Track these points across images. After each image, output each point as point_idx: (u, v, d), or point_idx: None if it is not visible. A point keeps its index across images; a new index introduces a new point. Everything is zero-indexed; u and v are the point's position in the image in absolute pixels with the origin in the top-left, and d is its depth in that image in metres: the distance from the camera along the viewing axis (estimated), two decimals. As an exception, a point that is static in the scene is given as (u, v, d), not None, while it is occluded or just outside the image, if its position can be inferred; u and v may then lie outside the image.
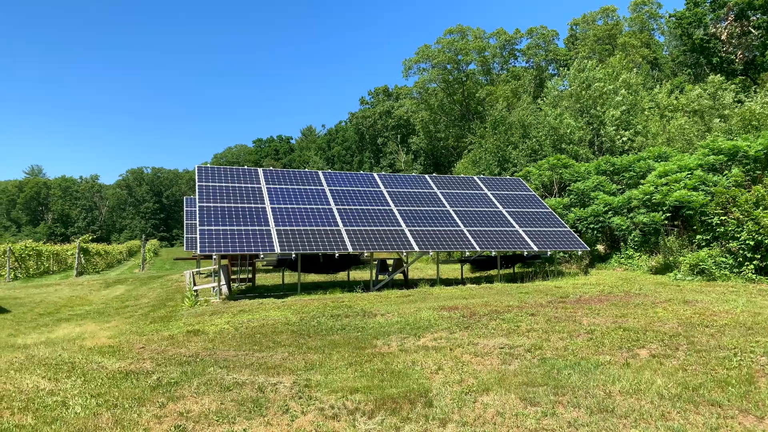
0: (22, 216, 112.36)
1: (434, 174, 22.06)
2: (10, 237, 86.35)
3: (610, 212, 20.72)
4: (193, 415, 5.56)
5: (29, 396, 6.22)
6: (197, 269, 19.94)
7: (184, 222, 29.37)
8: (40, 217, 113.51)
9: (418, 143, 61.98)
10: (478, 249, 16.68)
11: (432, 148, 61.93)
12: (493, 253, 18.02)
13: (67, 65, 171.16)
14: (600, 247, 22.03)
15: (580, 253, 20.25)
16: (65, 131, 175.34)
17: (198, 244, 14.63)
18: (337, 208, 17.47)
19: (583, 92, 33.54)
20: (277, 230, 15.67)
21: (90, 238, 35.33)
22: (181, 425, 5.30)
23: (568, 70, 37.47)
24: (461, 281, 18.44)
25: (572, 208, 22.03)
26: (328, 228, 16.28)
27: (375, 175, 20.48)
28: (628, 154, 26.54)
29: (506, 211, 19.33)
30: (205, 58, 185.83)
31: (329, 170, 25.75)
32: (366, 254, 16.89)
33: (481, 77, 61.42)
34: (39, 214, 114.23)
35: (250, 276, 19.27)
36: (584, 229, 20.95)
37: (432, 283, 17.14)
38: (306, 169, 21.05)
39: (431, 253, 17.19)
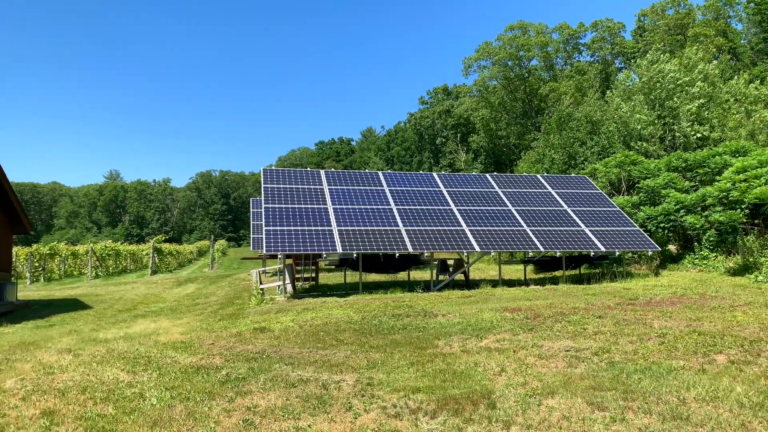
0: (102, 218, 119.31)
1: (495, 173, 21.74)
2: (92, 238, 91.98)
3: (682, 211, 19.74)
4: (260, 410, 5.74)
5: (110, 387, 6.61)
6: (263, 268, 20.54)
7: (251, 223, 30.30)
8: (118, 219, 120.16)
9: (478, 142, 61.26)
10: (542, 249, 16.31)
11: (493, 147, 61.05)
12: (558, 254, 17.56)
13: (140, 75, 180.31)
14: (671, 248, 21.04)
15: (650, 253, 19.41)
16: (140, 137, 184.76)
17: (264, 244, 15.07)
18: (397, 208, 17.54)
19: (657, 83, 32.03)
20: (338, 230, 15.91)
21: (163, 238, 37.08)
22: (248, 419, 5.48)
23: (637, 62, 35.98)
24: (524, 282, 18.08)
25: (641, 207, 21.15)
26: (388, 228, 16.37)
27: (434, 174, 20.41)
28: (702, 150, 25.21)
29: (571, 210, 18.79)
30: (269, 64, 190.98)
31: (389, 171, 25.92)
32: (426, 254, 16.87)
33: (544, 73, 59.99)
34: (117, 215, 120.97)
35: (313, 275, 19.66)
36: (654, 228, 20.06)
37: (494, 284, 16.90)
38: (366, 170, 21.26)
39: (493, 254, 16.95)
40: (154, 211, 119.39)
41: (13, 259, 22.78)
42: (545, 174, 24.52)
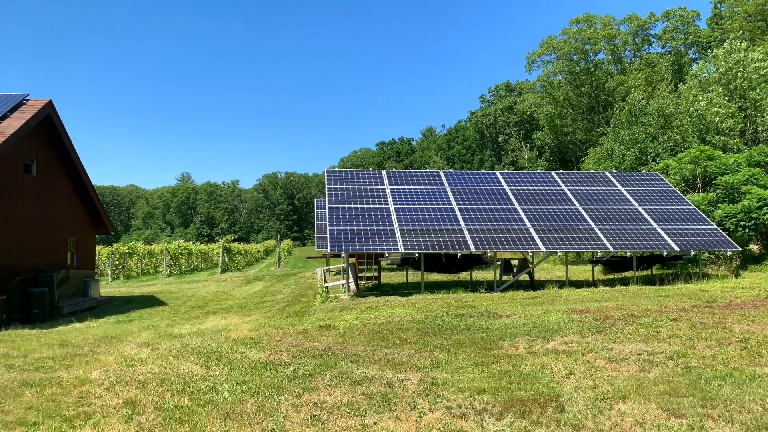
0: (175, 218, 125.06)
1: (561, 170, 21.17)
2: (166, 238, 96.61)
3: (765, 208, 18.53)
4: (326, 406, 5.87)
5: (185, 380, 6.93)
6: (327, 267, 20.92)
7: (315, 222, 30.92)
8: (190, 220, 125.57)
9: (542, 139, 59.83)
10: (611, 249, 15.75)
11: (558, 144, 59.45)
12: (628, 254, 16.89)
13: (209, 82, 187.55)
14: (753, 247, 19.78)
15: (729, 253, 18.32)
16: (210, 140, 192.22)
17: (328, 243, 15.35)
18: (458, 208, 17.42)
19: (738, 74, 30.14)
20: (400, 230, 15.98)
21: (232, 238, 38.47)
22: (316, 415, 5.61)
23: (713, 52, 34.02)
24: (592, 283, 17.52)
25: (719, 204, 20.00)
26: (450, 227, 16.29)
27: (497, 173, 20.12)
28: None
29: (642, 209, 18.04)
30: (330, 66, 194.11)
31: (450, 170, 25.65)
32: (489, 254, 16.65)
33: (611, 67, 57.82)
34: (189, 216, 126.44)
35: (375, 274, 19.83)
36: (733, 227, 18.93)
37: (560, 284, 16.47)
38: (427, 170, 21.21)
39: (559, 254, 16.52)
40: (223, 211, 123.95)
41: (96, 258, 24.30)
42: (614, 171, 23.65)
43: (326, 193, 17.93)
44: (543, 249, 15.54)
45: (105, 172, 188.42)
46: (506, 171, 21.26)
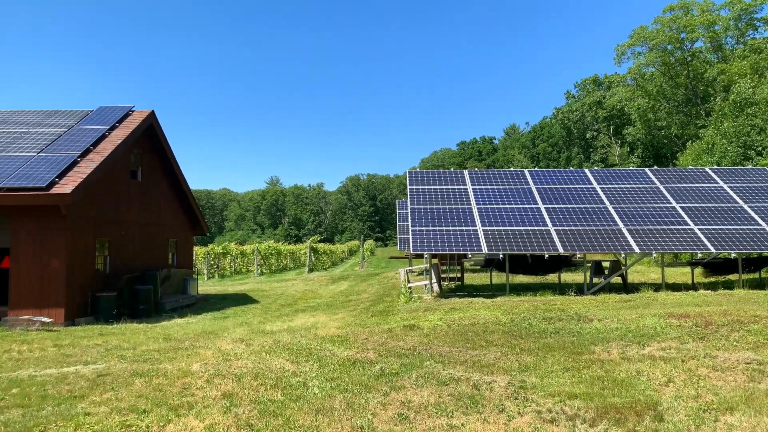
0: (264, 220, 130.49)
1: (655, 167, 20.03)
2: (256, 238, 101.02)
3: None
4: (413, 405, 5.92)
5: (277, 375, 7.23)
6: (410, 267, 21.02)
7: (397, 223, 31.15)
8: (279, 221, 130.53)
9: (634, 134, 56.83)
10: (712, 250, 14.71)
11: (651, 139, 56.25)
12: (733, 255, 15.69)
13: (293, 88, 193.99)
14: None
15: None
16: (296, 145, 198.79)
17: (411, 244, 15.44)
18: (545, 207, 16.94)
19: None
20: (483, 230, 15.77)
21: (318, 239, 39.57)
22: (403, 414, 5.68)
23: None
24: (692, 287, 16.45)
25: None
26: (536, 228, 15.87)
27: (586, 170, 19.36)
28: None
29: (748, 207, 16.70)
30: (409, 66, 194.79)
31: (534, 168, 24.93)
32: (578, 255, 16.05)
33: (710, 55, 53.94)
34: (277, 218, 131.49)
35: (458, 275, 19.69)
36: None
37: (656, 287, 15.60)
38: (510, 169, 20.78)
39: (654, 255, 15.65)
40: (309, 213, 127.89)
41: (194, 258, 25.86)
42: (715, 167, 22.07)
43: (408, 194, 18.02)
44: (637, 250, 14.78)
45: (200, 176, 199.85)
46: (596, 168, 20.41)
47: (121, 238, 16.06)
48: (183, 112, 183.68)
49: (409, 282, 18.05)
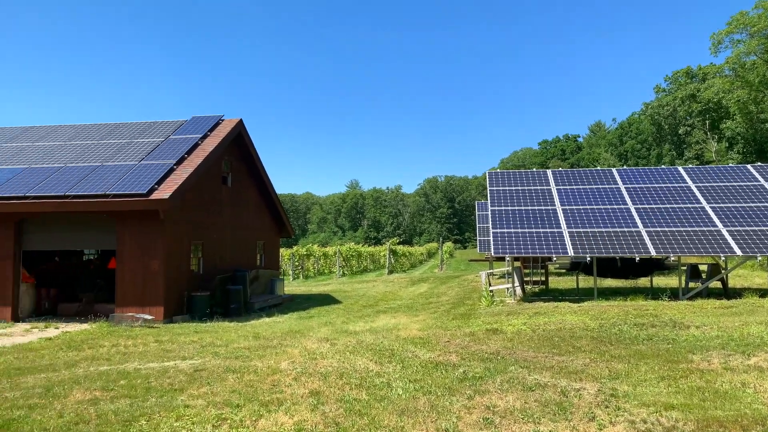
0: (345, 222, 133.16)
1: (759, 163, 18.57)
2: (338, 240, 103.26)
3: None
4: (498, 410, 5.84)
5: (362, 375, 7.37)
6: (491, 270, 20.70)
7: (477, 225, 30.79)
8: (358, 223, 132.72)
9: (733, 128, 52.90)
10: (828, 253, 13.43)
11: (753, 133, 52.12)
12: None
13: (370, 93, 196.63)
14: None
15: None
16: (374, 148, 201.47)
17: (492, 246, 15.21)
18: (635, 208, 16.14)
19: None
20: (569, 232, 15.26)
21: (397, 241, 39.87)
22: (488, 418, 5.61)
23: None
24: (804, 292, 15.09)
25: None
26: (625, 229, 15.16)
27: (679, 168, 18.26)
28: None
29: None
30: (486, 65, 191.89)
31: (623, 167, 23.76)
32: (672, 258, 15.15)
33: (824, 38, 49.21)
34: (357, 220, 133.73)
35: (542, 279, 19.17)
36: None
37: (761, 293, 14.46)
38: (597, 168, 19.96)
39: (759, 258, 14.48)
40: (388, 215, 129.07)
41: (280, 259, 26.85)
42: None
43: (488, 195, 17.77)
44: (739, 253, 13.76)
45: (284, 181, 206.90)
46: (690, 166, 19.21)
47: (213, 240, 16.95)
48: (267, 118, 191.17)
49: (490, 285, 17.78)
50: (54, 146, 17.20)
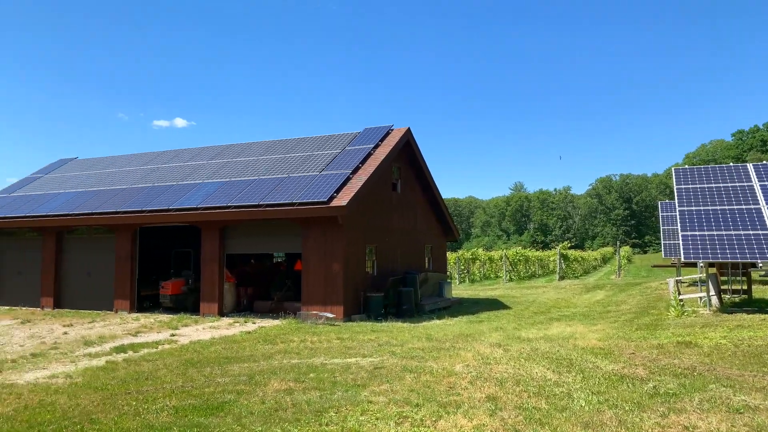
0: (510, 226, 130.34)
1: None
2: (502, 244, 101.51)
3: None
4: (699, 431, 5.28)
5: (539, 383, 7.15)
6: (679, 277, 18.76)
7: (661, 227, 28.11)
8: (524, 227, 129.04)
9: None
10: None
11: None
12: None
13: (532, 93, 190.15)
14: None
15: None
16: (540, 148, 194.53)
17: (681, 251, 13.80)
18: None
19: None
20: (779, 235, 13.25)
21: (567, 245, 37.98)
22: (687, 439, 5.11)
23: None
24: None
25: None
26: None
27: None
28: None
29: None
30: (663, 53, 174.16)
31: None
32: None
33: None
34: (523, 224, 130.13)
35: (743, 287, 16.89)
36: None
37: None
38: (816, 159, 17.05)
39: None
40: (556, 218, 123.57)
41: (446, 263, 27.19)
42: None
43: (675, 194, 16.14)
44: None
45: (447, 185, 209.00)
46: None
47: (385, 244, 17.74)
48: (428, 123, 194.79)
49: (679, 293, 16.11)
50: (249, 161, 19.38)
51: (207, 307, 16.55)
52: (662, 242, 27.03)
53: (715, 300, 14.26)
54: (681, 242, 14.05)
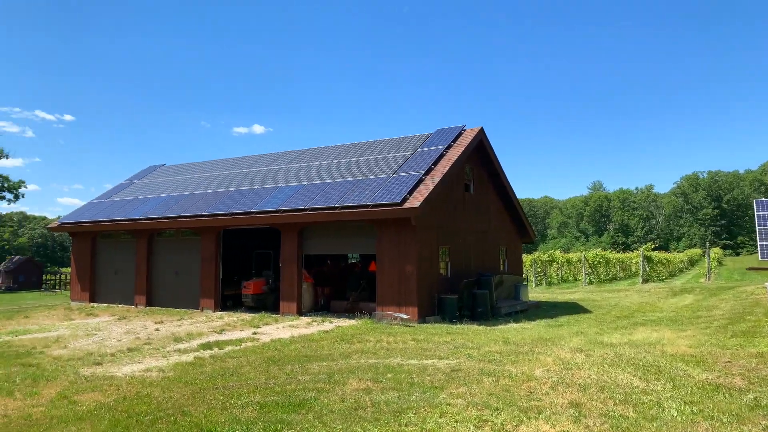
0: (588, 227, 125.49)
1: None
2: (580, 246, 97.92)
3: None
4: (808, 448, 4.88)
5: (625, 391, 6.85)
6: (778, 282, 17.40)
7: (756, 228, 26.15)
8: (603, 228, 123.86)
9: None
10: None
11: None
12: None
13: (619, 88, 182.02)
14: None
15: None
16: (620, 146, 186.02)
17: (781, 253, 12.78)
18: None
19: None
20: None
21: (651, 246, 36.13)
22: (794, 456, 4.73)
23: None
24: None
25: None
26: None
27: None
28: None
29: None
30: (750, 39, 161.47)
31: None
32: None
33: None
34: (602, 224, 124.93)
35: None
36: None
37: None
38: None
39: None
40: (637, 219, 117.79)
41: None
42: None
43: (775, 192, 14.98)
44: None
45: (521, 185, 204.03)
46: None
47: (458, 245, 17.59)
48: (502, 122, 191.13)
49: (779, 298, 14.95)
50: (324, 165, 19.81)
51: (286, 306, 17.06)
52: (758, 243, 25.11)
53: (822, 306, 13.11)
54: (781, 243, 13.02)
